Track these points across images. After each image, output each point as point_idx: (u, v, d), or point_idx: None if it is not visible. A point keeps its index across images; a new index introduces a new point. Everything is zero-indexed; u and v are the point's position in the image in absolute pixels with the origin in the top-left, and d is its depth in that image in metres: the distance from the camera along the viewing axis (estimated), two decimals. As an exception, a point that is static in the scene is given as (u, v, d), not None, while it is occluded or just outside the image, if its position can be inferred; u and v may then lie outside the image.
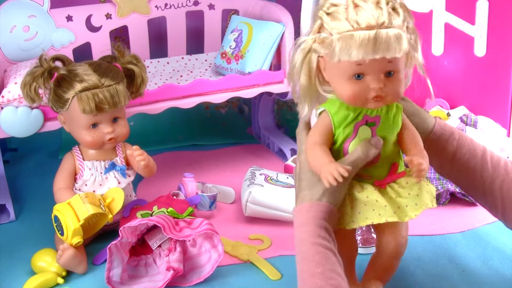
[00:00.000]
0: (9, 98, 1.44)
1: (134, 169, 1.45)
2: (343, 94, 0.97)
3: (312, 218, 0.97)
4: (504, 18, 1.53)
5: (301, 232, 0.97)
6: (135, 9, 1.81)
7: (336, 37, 0.92)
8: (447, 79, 1.64)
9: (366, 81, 0.95)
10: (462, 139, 1.10)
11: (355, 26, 0.91)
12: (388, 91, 0.96)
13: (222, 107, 2.16)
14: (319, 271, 0.92)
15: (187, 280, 1.27)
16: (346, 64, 0.94)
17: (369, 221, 1.00)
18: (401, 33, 0.92)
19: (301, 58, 0.98)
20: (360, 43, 0.90)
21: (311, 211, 0.98)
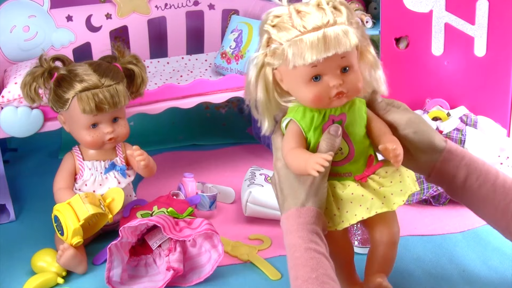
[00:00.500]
0: (9, 98, 1.44)
1: (134, 169, 1.45)
2: (306, 98, 0.99)
3: (303, 224, 0.98)
4: (504, 18, 1.53)
5: (293, 238, 0.98)
6: (135, 9, 1.81)
7: (286, 44, 0.95)
8: (447, 79, 1.64)
9: (325, 81, 0.97)
10: (473, 164, 1.05)
11: (302, 31, 0.94)
12: (347, 86, 0.98)
13: (222, 107, 2.16)
14: (313, 277, 0.92)
15: (187, 280, 1.27)
16: (302, 69, 0.96)
17: (358, 217, 1.00)
18: (347, 27, 0.95)
19: (255, 74, 1.01)
20: (310, 45, 0.93)
21: (301, 216, 0.99)
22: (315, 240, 0.97)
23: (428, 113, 1.61)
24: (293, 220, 0.99)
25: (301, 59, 0.94)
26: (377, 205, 1.00)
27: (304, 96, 0.99)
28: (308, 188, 1.00)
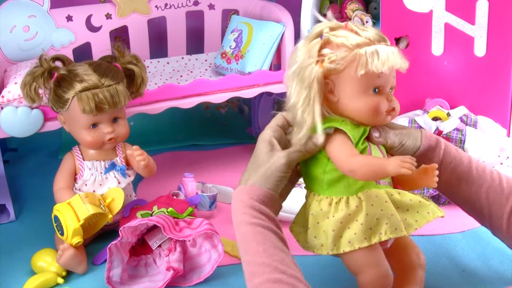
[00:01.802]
0: (9, 98, 1.44)
1: (134, 169, 1.45)
2: (362, 108, 0.99)
3: (245, 201, 1.00)
4: (504, 18, 1.53)
5: (238, 215, 1.01)
6: (135, 9, 1.81)
7: (363, 50, 0.96)
8: (447, 79, 1.64)
9: (383, 94, 1.00)
10: (448, 148, 1.11)
11: (372, 39, 0.97)
12: (395, 104, 1.02)
13: (222, 107, 2.16)
14: (261, 250, 0.95)
15: (187, 280, 1.27)
16: (366, 78, 0.97)
17: (420, 223, 1.03)
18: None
19: (317, 88, 0.98)
20: (386, 54, 0.95)
21: (244, 194, 1.01)
22: (258, 216, 0.99)
23: (428, 113, 1.61)
24: (237, 197, 1.03)
25: (381, 65, 0.95)
26: (426, 214, 1.02)
27: (361, 106, 1.00)
28: (263, 170, 1.02)
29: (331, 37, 0.98)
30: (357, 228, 0.98)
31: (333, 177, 1.01)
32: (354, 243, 0.99)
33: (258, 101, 2.00)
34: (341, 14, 1.85)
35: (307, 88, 0.98)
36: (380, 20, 1.66)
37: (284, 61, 1.73)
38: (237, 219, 1.01)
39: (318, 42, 0.99)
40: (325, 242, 1.00)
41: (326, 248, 1.01)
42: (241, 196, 1.02)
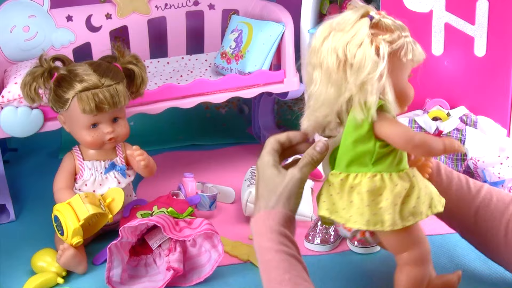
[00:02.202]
0: (9, 98, 1.44)
1: (134, 169, 1.45)
2: (405, 92, 1.01)
3: (272, 226, 0.98)
4: (504, 18, 1.53)
5: (263, 241, 0.98)
6: (135, 9, 1.81)
7: (408, 37, 0.99)
8: (447, 79, 1.64)
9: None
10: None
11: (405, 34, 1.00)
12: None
13: (222, 107, 2.16)
14: (287, 278, 0.93)
15: (187, 280, 1.27)
16: (407, 64, 1.00)
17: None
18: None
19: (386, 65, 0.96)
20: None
21: (269, 219, 0.99)
22: (285, 243, 0.97)
23: (428, 113, 1.61)
24: (262, 222, 1.00)
25: (420, 55, 1.01)
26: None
27: (408, 91, 1.01)
28: (281, 191, 1.01)
29: (381, 19, 0.97)
30: (415, 201, 0.98)
31: (380, 155, 0.99)
32: (416, 216, 0.98)
33: (258, 101, 2.00)
34: (341, 14, 1.85)
35: (372, 67, 0.94)
36: (380, 20, 1.66)
37: (284, 61, 1.73)
38: (262, 245, 0.99)
39: (366, 23, 0.96)
40: (386, 218, 0.97)
41: (389, 224, 0.98)
42: (266, 221, 1.00)
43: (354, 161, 1.00)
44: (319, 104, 1.00)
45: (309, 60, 1.01)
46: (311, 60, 1.00)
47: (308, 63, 1.01)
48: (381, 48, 0.94)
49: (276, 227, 0.98)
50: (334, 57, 0.95)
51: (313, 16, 1.81)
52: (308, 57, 1.02)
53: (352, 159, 1.00)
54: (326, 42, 0.97)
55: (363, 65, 0.94)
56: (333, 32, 0.97)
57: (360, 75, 0.94)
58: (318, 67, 0.99)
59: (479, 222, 1.12)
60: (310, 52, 1.01)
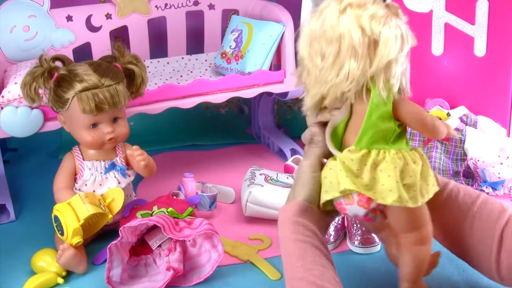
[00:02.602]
0: (9, 98, 1.44)
1: (134, 169, 1.45)
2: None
3: (288, 217, 1.01)
4: (504, 18, 1.53)
5: (281, 232, 1.02)
6: (135, 9, 1.81)
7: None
8: (447, 79, 1.64)
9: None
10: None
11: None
12: None
13: (222, 107, 2.16)
14: (299, 265, 0.95)
15: (187, 280, 1.27)
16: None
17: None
18: None
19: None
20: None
21: (287, 211, 1.02)
22: (300, 231, 0.99)
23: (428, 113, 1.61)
24: (282, 214, 1.03)
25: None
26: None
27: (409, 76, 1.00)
28: (297, 181, 1.04)
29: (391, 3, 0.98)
30: (428, 178, 1.00)
31: (397, 133, 1.00)
32: (429, 193, 0.99)
33: (258, 101, 2.00)
34: (341, 14, 1.85)
35: (400, 48, 0.95)
36: (380, 20, 1.66)
37: (284, 61, 1.73)
38: (280, 236, 1.02)
39: (382, 4, 0.97)
40: (411, 194, 0.97)
41: (416, 201, 0.98)
42: (284, 213, 1.03)
43: (377, 138, 0.98)
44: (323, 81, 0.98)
45: (320, 34, 0.97)
46: (325, 34, 0.96)
47: (319, 37, 0.97)
48: (404, 30, 0.96)
49: (293, 217, 1.00)
50: (359, 32, 0.94)
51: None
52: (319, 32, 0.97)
53: (376, 136, 0.98)
54: (343, 17, 0.95)
55: (391, 45, 0.94)
56: (349, 8, 0.95)
57: (388, 54, 0.93)
58: (334, 41, 0.95)
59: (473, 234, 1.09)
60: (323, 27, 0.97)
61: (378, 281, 1.24)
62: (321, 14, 0.98)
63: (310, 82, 1.00)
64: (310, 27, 0.99)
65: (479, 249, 1.07)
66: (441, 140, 1.57)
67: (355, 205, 1.01)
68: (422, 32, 1.62)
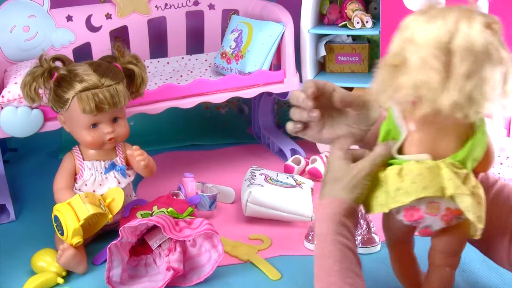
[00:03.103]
0: (9, 98, 1.44)
1: (134, 169, 1.45)
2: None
3: (333, 215, 0.96)
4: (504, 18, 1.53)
5: (321, 227, 0.96)
6: (135, 9, 1.81)
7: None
8: (447, 79, 1.64)
9: None
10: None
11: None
12: None
13: (222, 107, 2.16)
14: (336, 269, 0.91)
15: (187, 280, 1.27)
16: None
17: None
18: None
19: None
20: None
21: (331, 207, 0.97)
22: (343, 233, 0.95)
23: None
24: (323, 209, 0.97)
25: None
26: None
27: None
28: (348, 180, 0.97)
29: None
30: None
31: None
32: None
33: (258, 101, 2.00)
34: (341, 14, 1.85)
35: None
36: (380, 20, 1.66)
37: (284, 61, 1.73)
38: (319, 231, 0.96)
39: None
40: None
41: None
42: (328, 208, 0.97)
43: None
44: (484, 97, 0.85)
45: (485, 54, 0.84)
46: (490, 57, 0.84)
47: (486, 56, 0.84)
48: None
49: (337, 216, 0.96)
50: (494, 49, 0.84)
51: (313, 16, 1.81)
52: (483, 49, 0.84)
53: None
54: (483, 34, 0.85)
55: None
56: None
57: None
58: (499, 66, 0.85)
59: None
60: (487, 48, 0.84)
61: (378, 281, 1.24)
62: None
63: (444, 90, 0.84)
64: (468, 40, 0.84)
65: (493, 234, 1.05)
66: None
67: (437, 217, 0.94)
68: (422, 32, 1.62)
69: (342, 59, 1.88)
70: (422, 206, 0.92)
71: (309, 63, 1.82)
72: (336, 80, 1.82)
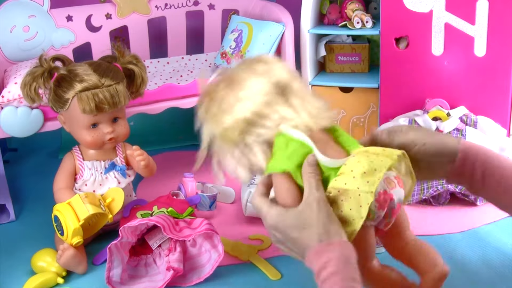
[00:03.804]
0: (9, 98, 1.44)
1: (134, 169, 1.45)
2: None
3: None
4: (504, 18, 1.53)
5: (351, 272, 0.86)
6: (135, 9, 1.81)
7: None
8: (447, 79, 1.64)
9: None
10: (488, 163, 1.01)
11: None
12: None
13: (222, 107, 2.15)
14: None
15: (187, 280, 1.27)
16: None
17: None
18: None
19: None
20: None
21: (349, 249, 0.88)
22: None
23: (428, 113, 1.61)
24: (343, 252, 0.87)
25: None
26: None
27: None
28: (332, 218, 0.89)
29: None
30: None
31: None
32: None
33: (258, 101, 2.00)
34: (341, 14, 1.85)
35: None
36: (380, 20, 1.66)
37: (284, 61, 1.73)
38: (348, 275, 0.85)
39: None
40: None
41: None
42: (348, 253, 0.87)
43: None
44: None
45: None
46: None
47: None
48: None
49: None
50: None
51: (313, 16, 1.81)
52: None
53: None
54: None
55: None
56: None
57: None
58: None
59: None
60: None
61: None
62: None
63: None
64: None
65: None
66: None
67: (398, 187, 0.93)
68: (422, 32, 1.62)
69: (342, 59, 1.88)
70: (384, 187, 0.90)
71: (309, 63, 1.82)
72: (336, 80, 1.83)
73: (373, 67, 1.88)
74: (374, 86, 1.76)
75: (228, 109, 0.97)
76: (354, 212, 0.89)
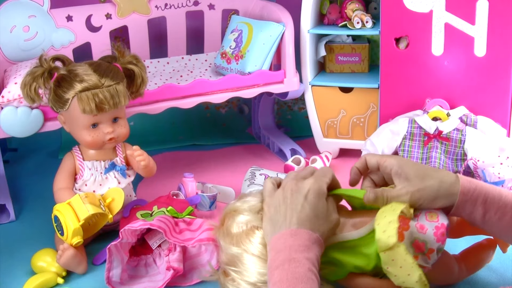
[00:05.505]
0: (9, 98, 1.44)
1: (134, 169, 1.45)
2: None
3: (312, 247, 1.01)
4: (504, 18, 1.53)
5: (298, 253, 0.99)
6: (135, 9, 1.81)
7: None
8: (447, 79, 1.64)
9: None
10: (489, 201, 1.04)
11: None
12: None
13: (222, 107, 2.16)
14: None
15: (187, 280, 1.27)
16: None
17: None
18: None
19: None
20: None
21: (311, 239, 1.02)
22: (316, 266, 0.99)
23: (428, 113, 1.61)
24: (301, 239, 1.01)
25: None
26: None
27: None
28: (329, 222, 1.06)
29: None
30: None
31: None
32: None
33: (258, 101, 2.00)
34: (341, 14, 1.85)
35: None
36: (380, 20, 1.66)
37: (284, 61, 1.73)
38: (294, 256, 0.99)
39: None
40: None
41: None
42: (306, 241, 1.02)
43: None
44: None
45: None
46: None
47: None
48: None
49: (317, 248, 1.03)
50: None
51: (313, 16, 1.81)
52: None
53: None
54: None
55: None
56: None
57: None
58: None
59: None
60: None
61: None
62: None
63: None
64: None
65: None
66: (441, 140, 1.57)
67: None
68: (422, 32, 1.62)
69: (342, 59, 1.88)
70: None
71: (309, 63, 1.82)
72: (336, 80, 1.82)
73: (373, 67, 1.88)
74: (374, 86, 1.76)
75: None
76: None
